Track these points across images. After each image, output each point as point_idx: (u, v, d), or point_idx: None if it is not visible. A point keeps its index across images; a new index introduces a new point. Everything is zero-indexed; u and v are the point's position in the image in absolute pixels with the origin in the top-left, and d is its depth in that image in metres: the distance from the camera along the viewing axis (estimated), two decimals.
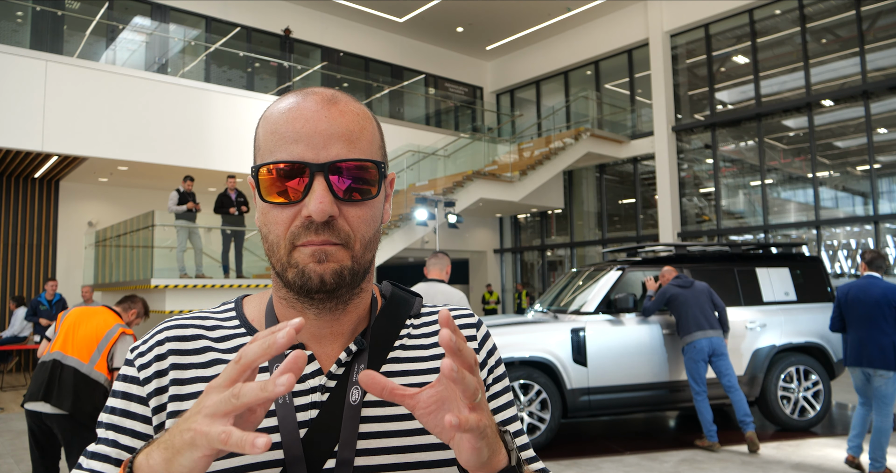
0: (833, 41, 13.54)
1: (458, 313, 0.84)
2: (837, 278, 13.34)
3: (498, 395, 0.82)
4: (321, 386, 0.71)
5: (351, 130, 0.69)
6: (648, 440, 6.09)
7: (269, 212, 0.69)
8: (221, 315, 0.78)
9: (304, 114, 0.68)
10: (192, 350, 0.73)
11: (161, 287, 9.34)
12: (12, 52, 9.26)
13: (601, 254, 16.58)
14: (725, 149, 15.06)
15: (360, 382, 0.56)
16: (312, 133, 0.67)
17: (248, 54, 14.74)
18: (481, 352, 0.81)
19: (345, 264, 0.68)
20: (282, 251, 0.69)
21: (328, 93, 0.71)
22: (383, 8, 16.26)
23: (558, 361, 5.62)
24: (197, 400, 0.55)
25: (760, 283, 6.48)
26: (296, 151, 0.67)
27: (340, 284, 0.69)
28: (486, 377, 0.81)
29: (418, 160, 14.15)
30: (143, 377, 0.71)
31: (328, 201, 0.66)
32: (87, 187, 12.89)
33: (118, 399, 0.72)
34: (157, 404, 0.70)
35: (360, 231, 0.69)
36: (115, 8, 13.37)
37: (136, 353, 0.73)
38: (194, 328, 0.75)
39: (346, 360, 0.72)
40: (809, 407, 6.24)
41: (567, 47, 17.75)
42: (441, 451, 0.73)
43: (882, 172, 12.71)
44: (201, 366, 0.72)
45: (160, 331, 0.74)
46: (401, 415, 0.73)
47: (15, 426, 6.95)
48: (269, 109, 0.72)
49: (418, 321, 0.81)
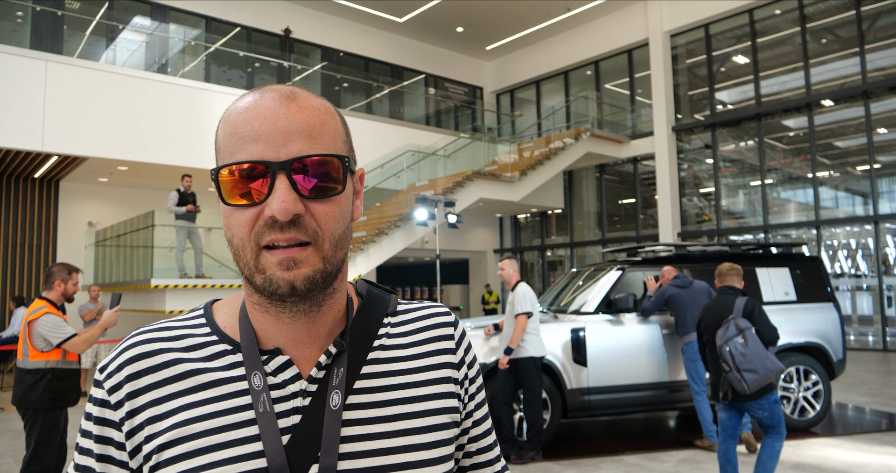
0: (833, 41, 13.54)
1: (434, 311, 0.83)
2: (837, 278, 13.34)
3: (476, 394, 0.83)
4: (302, 391, 0.70)
5: (311, 125, 0.66)
6: (648, 440, 6.09)
7: (231, 215, 0.67)
8: (189, 323, 0.75)
9: (263, 111, 0.66)
10: (158, 365, 0.70)
11: (161, 287, 9.34)
12: (12, 52, 9.27)
13: (601, 254, 16.58)
14: (725, 149, 15.06)
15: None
16: (271, 131, 0.65)
17: (248, 54, 14.74)
18: (458, 351, 0.81)
19: (317, 267, 0.66)
20: (248, 255, 0.66)
21: (286, 89, 0.69)
22: (383, 8, 16.26)
23: (558, 361, 5.62)
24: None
25: (760, 283, 6.48)
26: (255, 151, 0.65)
27: (313, 288, 0.67)
28: (466, 373, 0.81)
29: (418, 160, 14.14)
30: (115, 400, 0.69)
31: (291, 200, 0.63)
32: (87, 187, 12.89)
33: (92, 423, 0.70)
34: (130, 428, 0.68)
35: (328, 228, 0.67)
36: (115, 8, 13.37)
37: (105, 374, 0.71)
38: (159, 341, 0.72)
39: (327, 363, 0.71)
40: (809, 407, 6.24)
41: (567, 47, 17.75)
42: (426, 451, 0.72)
43: (882, 172, 12.71)
44: (172, 380, 0.69)
45: (125, 349, 0.71)
46: (383, 417, 0.71)
47: (15, 425, 6.95)
48: (228, 109, 0.70)
49: (395, 320, 0.80)
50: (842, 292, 13.33)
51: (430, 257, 15.96)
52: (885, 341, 12.39)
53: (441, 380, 0.77)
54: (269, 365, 0.70)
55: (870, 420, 6.74)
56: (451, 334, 0.82)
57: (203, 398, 0.68)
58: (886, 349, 12.39)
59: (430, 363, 0.78)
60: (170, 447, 0.66)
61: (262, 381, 0.69)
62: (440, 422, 0.75)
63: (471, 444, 0.83)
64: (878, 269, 12.53)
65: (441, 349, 0.80)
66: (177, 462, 0.66)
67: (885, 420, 6.61)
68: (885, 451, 5.36)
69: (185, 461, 0.65)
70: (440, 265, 12.85)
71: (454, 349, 0.81)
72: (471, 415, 0.82)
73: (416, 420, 0.73)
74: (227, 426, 0.67)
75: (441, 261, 16.85)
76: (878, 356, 11.88)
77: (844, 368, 6.57)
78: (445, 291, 20.75)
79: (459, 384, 0.80)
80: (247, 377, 0.69)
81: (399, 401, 0.73)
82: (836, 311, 6.60)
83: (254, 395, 0.68)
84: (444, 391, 0.77)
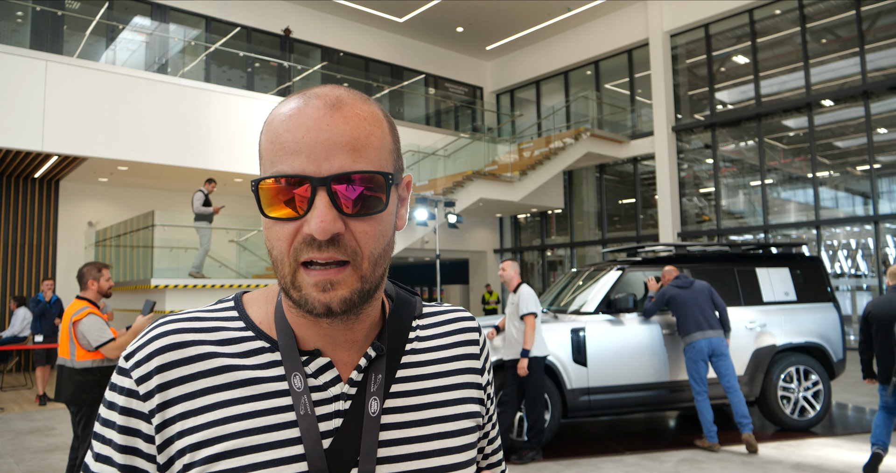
0: (833, 41, 13.54)
1: (459, 315, 0.83)
2: (837, 278, 13.34)
3: (492, 397, 0.84)
4: (343, 394, 0.69)
5: (356, 137, 0.64)
6: (648, 440, 6.09)
7: (271, 227, 0.65)
8: (221, 315, 0.72)
9: (306, 121, 0.63)
10: (193, 357, 0.68)
11: (161, 287, 9.34)
12: (12, 52, 9.26)
13: (601, 254, 16.58)
14: (725, 149, 15.06)
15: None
16: (314, 143, 0.62)
17: (248, 54, 14.74)
18: (482, 357, 0.82)
19: (354, 288, 0.65)
20: (286, 269, 0.65)
21: (332, 95, 0.66)
22: (383, 8, 16.26)
23: (558, 361, 5.62)
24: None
25: (760, 283, 6.48)
26: (296, 164, 0.63)
27: (349, 309, 0.65)
28: (487, 379, 0.82)
29: (418, 160, 14.15)
30: (144, 391, 0.67)
31: (330, 219, 0.62)
32: (87, 187, 12.89)
33: (116, 414, 0.67)
34: (161, 420, 0.66)
35: (367, 248, 0.65)
36: (115, 8, 13.38)
37: (133, 362, 0.68)
38: (191, 332, 0.69)
39: (365, 366, 0.71)
40: (809, 407, 6.24)
41: (567, 47, 17.75)
42: (458, 454, 0.73)
43: (882, 172, 12.71)
44: (208, 374, 0.67)
45: (155, 338, 0.69)
46: (419, 420, 0.72)
47: (15, 425, 6.95)
48: (272, 113, 0.68)
49: (423, 322, 0.80)
50: (842, 292, 13.32)
51: (430, 258, 15.97)
52: None
53: (467, 385, 0.78)
54: (310, 367, 0.69)
55: (870, 420, 6.74)
56: (477, 339, 0.83)
57: (241, 396, 0.67)
58: None
59: (458, 368, 0.79)
60: (208, 445, 0.65)
61: (303, 383, 0.68)
62: (469, 426, 0.76)
63: (489, 446, 0.85)
64: (878, 269, 12.53)
65: (467, 354, 0.80)
66: (216, 460, 0.64)
67: None
68: None
69: (225, 460, 0.64)
70: (440, 265, 12.85)
71: (478, 354, 0.82)
72: (491, 419, 0.84)
73: (448, 424, 0.74)
74: (268, 426, 0.66)
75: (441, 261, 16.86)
76: None
77: (844, 368, 6.57)
78: (445, 291, 20.75)
79: (482, 390, 0.81)
80: (286, 378, 0.68)
81: (433, 405, 0.74)
82: (836, 311, 6.60)
83: (294, 396, 0.67)
84: (470, 396, 0.78)
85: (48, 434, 6.52)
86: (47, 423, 7.11)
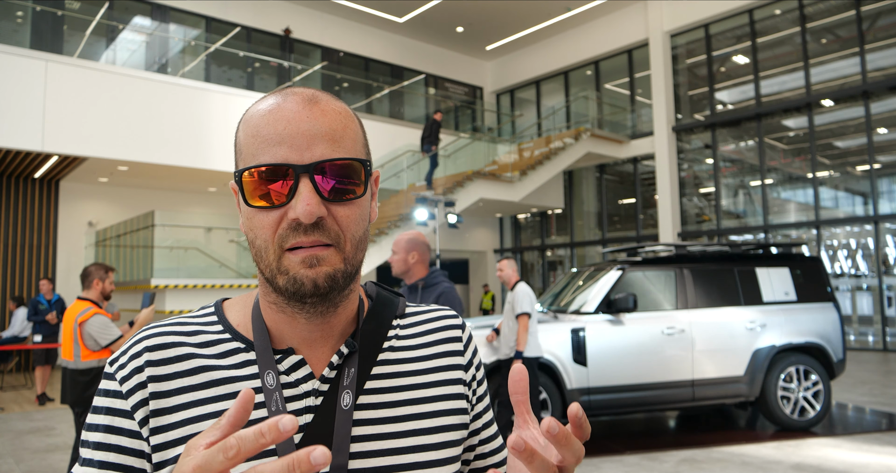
0: (833, 41, 13.54)
1: (442, 314, 0.84)
2: (837, 278, 13.34)
3: (483, 395, 0.84)
4: (315, 390, 0.70)
5: (334, 129, 0.68)
6: (648, 440, 6.09)
7: (254, 217, 0.68)
8: (201, 320, 0.75)
9: (286, 115, 0.67)
10: (172, 358, 0.70)
11: (161, 287, 9.34)
12: (12, 52, 9.27)
13: (601, 254, 16.58)
14: (725, 149, 15.06)
15: (511, 450, 0.53)
16: (295, 134, 0.66)
17: (248, 54, 14.74)
18: (466, 353, 0.82)
19: (338, 267, 0.68)
20: (271, 257, 0.67)
21: (308, 92, 0.70)
22: (383, 8, 16.26)
23: (558, 361, 5.62)
24: (177, 464, 0.49)
25: (760, 283, 6.48)
26: (279, 154, 0.66)
27: (334, 287, 0.68)
28: (473, 374, 0.82)
29: (418, 160, 14.15)
30: (126, 389, 0.69)
31: (315, 203, 0.65)
32: (87, 187, 12.89)
33: (101, 415, 0.69)
34: (143, 416, 0.68)
35: (349, 231, 0.68)
36: (115, 8, 13.38)
37: (117, 365, 0.71)
38: (173, 334, 0.72)
39: (338, 363, 0.72)
40: (809, 407, 6.24)
41: (567, 47, 17.75)
42: (435, 451, 0.73)
43: (882, 172, 12.71)
44: (186, 374, 0.69)
45: (137, 342, 0.71)
46: (394, 417, 0.73)
47: (15, 426, 6.95)
48: (249, 111, 0.71)
49: (404, 322, 0.81)
50: (842, 292, 13.33)
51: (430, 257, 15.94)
52: (885, 341, 12.40)
53: (450, 381, 0.79)
54: (283, 364, 0.71)
55: (870, 420, 6.74)
56: (459, 336, 0.83)
57: (214, 395, 0.69)
58: (886, 349, 12.39)
59: (440, 365, 0.79)
60: (179, 444, 0.66)
61: (275, 380, 0.69)
62: (449, 423, 0.76)
63: (482, 446, 0.85)
64: (878, 269, 12.53)
65: (450, 351, 0.81)
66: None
67: (885, 420, 6.61)
68: (885, 451, 5.36)
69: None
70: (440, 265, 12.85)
71: (462, 351, 0.82)
72: (479, 417, 0.83)
73: (425, 421, 0.74)
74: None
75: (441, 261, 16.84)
76: (878, 356, 11.88)
77: (844, 368, 6.57)
78: None
79: (468, 386, 0.81)
80: (259, 376, 0.70)
81: (409, 402, 0.74)
82: (836, 311, 6.60)
83: (266, 394, 0.69)
84: (453, 392, 0.78)
85: (48, 434, 6.52)
86: (47, 423, 7.11)
